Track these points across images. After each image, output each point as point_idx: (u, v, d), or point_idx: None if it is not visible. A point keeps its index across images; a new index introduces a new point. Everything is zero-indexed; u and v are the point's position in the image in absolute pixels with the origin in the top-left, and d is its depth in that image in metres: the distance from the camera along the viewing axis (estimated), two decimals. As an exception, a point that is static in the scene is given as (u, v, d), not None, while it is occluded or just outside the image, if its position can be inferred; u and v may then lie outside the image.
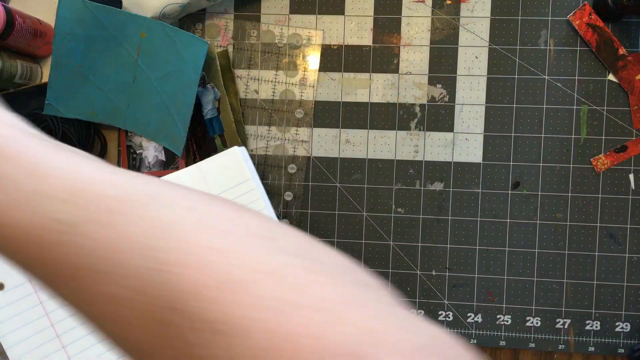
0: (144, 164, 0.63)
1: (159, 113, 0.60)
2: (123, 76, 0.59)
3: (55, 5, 0.63)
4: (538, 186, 0.60)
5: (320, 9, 0.62)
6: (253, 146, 0.63)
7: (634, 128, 0.60)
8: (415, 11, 0.61)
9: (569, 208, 0.60)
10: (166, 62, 0.58)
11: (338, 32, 0.62)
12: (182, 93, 0.59)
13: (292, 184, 0.63)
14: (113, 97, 0.60)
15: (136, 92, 0.60)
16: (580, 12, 0.59)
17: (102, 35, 0.58)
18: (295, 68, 0.62)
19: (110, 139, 0.64)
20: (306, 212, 0.63)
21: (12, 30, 0.56)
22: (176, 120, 0.59)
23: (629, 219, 0.60)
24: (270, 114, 0.63)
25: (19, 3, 0.63)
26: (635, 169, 0.60)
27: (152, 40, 0.58)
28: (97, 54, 0.59)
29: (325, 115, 0.62)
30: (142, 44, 0.58)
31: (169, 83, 0.59)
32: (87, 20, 0.57)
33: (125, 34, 0.58)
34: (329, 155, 0.62)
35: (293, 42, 0.62)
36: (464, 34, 0.61)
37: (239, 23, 0.63)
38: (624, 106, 0.60)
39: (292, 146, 0.63)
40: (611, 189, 0.60)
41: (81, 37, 0.58)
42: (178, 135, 0.60)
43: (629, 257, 0.60)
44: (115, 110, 0.61)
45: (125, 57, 0.59)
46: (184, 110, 0.59)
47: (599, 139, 0.60)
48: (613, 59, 0.59)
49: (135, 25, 0.57)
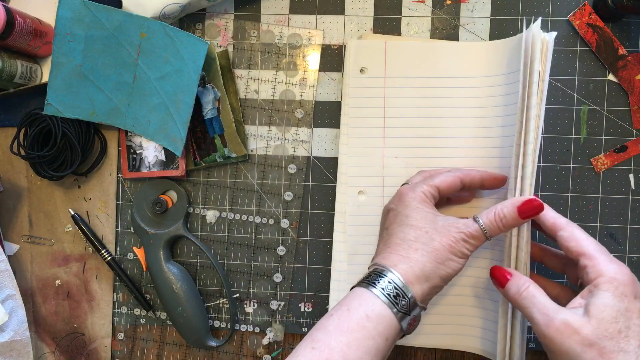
0: (144, 163, 0.63)
1: (158, 113, 0.60)
2: (123, 76, 0.59)
3: (55, 5, 0.63)
4: (538, 186, 0.60)
5: (320, 9, 0.62)
6: (253, 146, 0.63)
7: (634, 128, 0.60)
8: (415, 11, 0.61)
9: (569, 208, 0.60)
10: (166, 62, 0.58)
11: (338, 32, 0.62)
12: (182, 93, 0.59)
13: (292, 184, 0.63)
14: (113, 97, 0.60)
15: (136, 92, 0.60)
16: (580, 12, 0.60)
17: (102, 35, 0.58)
18: (295, 68, 0.62)
19: (110, 138, 0.64)
20: (306, 212, 0.63)
21: (12, 30, 0.56)
22: (176, 120, 0.59)
23: (629, 219, 0.60)
24: (270, 114, 0.63)
25: (19, 3, 0.63)
26: (635, 169, 0.60)
27: (152, 40, 0.58)
28: (97, 54, 0.59)
29: (325, 115, 0.62)
30: (142, 44, 0.58)
31: (169, 83, 0.59)
32: (87, 20, 0.57)
33: (125, 34, 0.58)
34: (329, 155, 0.62)
35: (293, 42, 0.63)
36: (464, 34, 0.61)
37: (239, 23, 0.63)
38: (624, 106, 0.60)
39: (292, 146, 0.63)
40: (611, 189, 0.60)
41: (81, 37, 0.58)
42: (178, 135, 0.60)
43: (629, 257, 0.60)
44: (115, 110, 0.61)
45: (125, 57, 0.59)
46: (184, 110, 0.59)
47: (599, 139, 0.60)
48: (613, 59, 0.59)
49: (135, 25, 0.57)
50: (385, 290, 0.46)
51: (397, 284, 0.46)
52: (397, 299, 0.45)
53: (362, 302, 0.46)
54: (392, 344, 0.46)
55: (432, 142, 0.59)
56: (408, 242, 0.48)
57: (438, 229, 0.48)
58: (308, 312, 0.63)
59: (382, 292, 0.46)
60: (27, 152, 0.61)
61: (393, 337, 0.46)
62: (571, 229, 0.47)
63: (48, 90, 0.59)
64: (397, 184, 0.58)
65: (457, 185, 0.52)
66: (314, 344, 0.44)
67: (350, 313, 0.45)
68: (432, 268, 0.47)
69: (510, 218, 0.48)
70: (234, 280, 0.64)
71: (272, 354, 0.63)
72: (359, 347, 0.43)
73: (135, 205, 0.63)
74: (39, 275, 0.65)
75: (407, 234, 0.49)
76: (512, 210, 0.48)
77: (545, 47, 0.50)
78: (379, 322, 0.45)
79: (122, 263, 0.65)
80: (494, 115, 0.57)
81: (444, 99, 0.59)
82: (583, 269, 0.45)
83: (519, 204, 0.48)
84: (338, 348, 0.43)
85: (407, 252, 0.47)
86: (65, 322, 0.65)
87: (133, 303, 0.65)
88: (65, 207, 0.65)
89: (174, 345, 0.64)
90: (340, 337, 0.44)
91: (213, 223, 0.64)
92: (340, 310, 0.46)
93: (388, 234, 0.51)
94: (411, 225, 0.49)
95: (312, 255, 0.63)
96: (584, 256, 0.45)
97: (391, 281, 0.46)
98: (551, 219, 0.48)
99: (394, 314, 0.45)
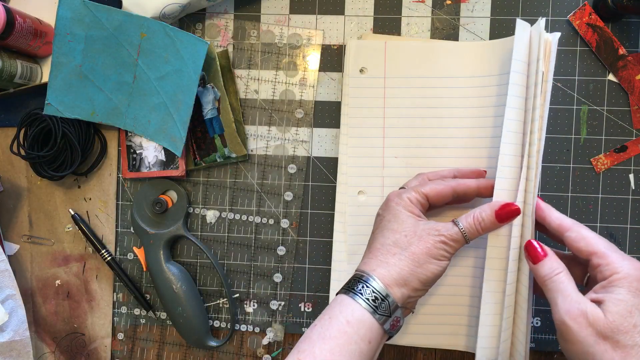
0: (144, 163, 0.63)
1: (158, 113, 0.60)
2: (123, 76, 0.59)
3: (55, 5, 0.63)
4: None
5: (320, 9, 0.62)
6: (253, 146, 0.63)
7: (634, 128, 0.60)
8: (415, 11, 0.61)
9: (569, 208, 0.60)
10: (166, 62, 0.58)
11: (338, 32, 0.62)
12: (182, 93, 0.59)
13: (292, 184, 0.63)
14: (113, 97, 0.60)
15: (136, 92, 0.60)
16: (580, 12, 0.59)
17: (102, 35, 0.58)
18: (295, 68, 0.62)
19: (110, 138, 0.64)
20: (306, 212, 0.63)
21: (12, 30, 0.56)
22: (176, 120, 0.59)
23: (629, 219, 0.60)
24: (270, 114, 0.63)
25: (19, 3, 0.63)
26: (635, 169, 0.60)
27: (152, 40, 0.58)
28: (97, 54, 0.59)
29: (325, 115, 0.62)
30: (142, 44, 0.58)
31: (168, 83, 0.59)
32: (87, 20, 0.57)
33: (125, 34, 0.58)
34: (329, 155, 0.62)
35: (293, 42, 0.62)
36: (464, 34, 0.61)
37: (239, 23, 0.63)
38: (624, 106, 0.60)
39: (292, 146, 0.63)
40: (611, 189, 0.60)
41: (81, 37, 0.58)
42: (177, 135, 0.60)
43: (629, 257, 0.60)
44: (115, 110, 0.61)
45: (125, 57, 0.59)
46: (184, 110, 0.59)
47: (599, 139, 0.60)
48: (613, 59, 0.59)
49: (135, 25, 0.57)
50: (364, 294, 0.47)
51: (375, 287, 0.47)
52: (377, 302, 0.46)
53: (342, 308, 0.47)
54: (377, 347, 0.47)
55: (432, 142, 0.59)
56: (387, 246, 0.49)
57: (418, 233, 0.49)
58: (308, 312, 0.63)
59: (361, 297, 0.47)
60: (27, 152, 0.61)
61: (376, 340, 0.47)
62: (578, 228, 0.47)
63: (48, 90, 0.59)
64: (397, 184, 0.58)
65: (447, 195, 0.52)
66: (299, 354, 0.45)
67: (331, 320, 0.46)
68: (410, 272, 0.47)
69: (489, 222, 0.49)
70: (234, 280, 0.64)
71: (272, 354, 0.63)
72: (342, 353, 0.45)
73: (135, 205, 0.63)
74: (39, 275, 0.65)
75: (386, 238, 0.50)
76: (491, 214, 0.49)
77: (548, 47, 0.50)
78: (359, 326, 0.46)
79: (122, 263, 0.65)
80: (494, 115, 0.57)
81: (444, 99, 0.59)
82: (596, 267, 0.45)
83: (496, 208, 0.49)
84: (322, 355, 0.44)
85: (386, 257, 0.48)
86: (65, 322, 0.65)
87: (133, 303, 0.65)
88: (65, 207, 0.65)
89: (174, 345, 0.64)
90: (323, 344, 0.45)
91: (213, 223, 0.64)
92: (322, 319, 0.47)
93: (372, 238, 0.52)
94: (392, 229, 0.50)
95: (312, 255, 0.63)
96: (595, 255, 0.45)
97: (369, 285, 0.47)
98: (556, 219, 0.49)
99: (375, 318, 0.46)
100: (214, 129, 0.62)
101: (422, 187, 0.52)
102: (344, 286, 0.49)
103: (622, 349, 0.42)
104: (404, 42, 0.60)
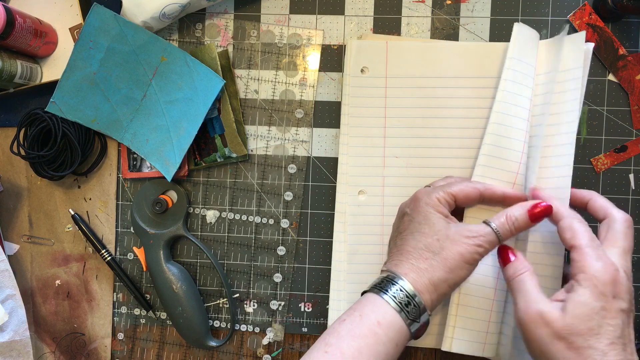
0: (144, 163, 0.63)
1: (158, 135, 0.60)
2: (133, 92, 0.60)
3: (55, 5, 0.63)
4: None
5: (320, 9, 0.62)
6: (253, 146, 0.63)
7: (634, 128, 0.60)
8: (415, 11, 0.61)
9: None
10: (179, 89, 0.59)
11: (338, 32, 0.62)
12: (186, 121, 0.59)
13: (292, 184, 0.63)
14: (118, 109, 0.60)
15: (142, 110, 0.60)
16: (580, 12, 0.60)
17: (124, 49, 0.58)
18: (295, 68, 0.62)
19: (110, 139, 0.64)
20: (306, 212, 0.63)
21: (12, 30, 0.56)
22: (174, 145, 0.60)
23: (629, 219, 0.60)
24: (270, 114, 0.63)
25: (19, 3, 0.63)
26: (635, 169, 0.60)
27: (170, 65, 0.59)
28: (114, 66, 0.59)
29: (325, 115, 0.62)
30: (160, 67, 0.59)
31: (176, 109, 0.59)
32: (113, 32, 0.58)
33: (146, 54, 0.59)
34: (329, 155, 0.62)
35: (293, 42, 0.63)
36: (464, 34, 0.61)
37: (239, 23, 0.63)
38: (624, 106, 0.60)
39: (292, 146, 0.63)
40: (611, 189, 0.60)
41: (103, 46, 0.58)
42: (172, 160, 0.60)
43: (629, 257, 0.60)
44: (116, 123, 0.61)
45: (140, 75, 0.59)
46: (185, 138, 0.59)
47: (599, 139, 0.60)
48: (613, 59, 0.59)
49: (158, 47, 0.58)
50: (396, 297, 0.47)
51: (407, 292, 0.47)
52: (408, 306, 0.46)
53: (374, 308, 0.47)
54: (401, 350, 0.47)
55: (432, 142, 0.59)
56: (419, 250, 0.49)
57: (450, 237, 0.48)
58: (308, 312, 0.63)
59: (394, 300, 0.47)
60: (27, 152, 0.61)
61: (402, 343, 0.47)
62: (571, 219, 0.47)
63: (56, 89, 0.59)
64: (397, 183, 0.58)
65: (475, 197, 0.52)
66: (326, 347, 0.45)
67: (362, 319, 0.46)
68: (440, 278, 0.47)
69: (522, 221, 0.49)
70: (234, 280, 0.64)
71: (272, 354, 0.63)
72: (370, 353, 0.45)
73: (135, 205, 0.63)
74: (39, 275, 0.65)
75: (418, 241, 0.49)
76: (524, 213, 0.49)
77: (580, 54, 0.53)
78: (389, 328, 0.46)
79: (122, 263, 0.65)
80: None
81: (445, 99, 0.59)
82: (572, 261, 0.46)
83: (529, 207, 0.49)
84: (349, 353, 0.44)
85: (418, 262, 0.48)
86: (65, 322, 0.65)
87: (133, 303, 0.65)
88: (65, 207, 0.65)
89: (174, 345, 0.64)
90: (352, 342, 0.45)
91: (213, 223, 0.64)
92: (352, 316, 0.47)
93: (401, 239, 0.51)
94: (423, 232, 0.49)
95: (312, 255, 0.63)
96: (574, 249, 0.46)
97: (402, 289, 0.47)
98: (555, 207, 0.49)
99: (404, 321, 0.46)
100: (214, 129, 0.62)
101: (450, 187, 0.52)
102: (376, 285, 0.49)
103: (576, 350, 0.42)
104: (406, 42, 0.60)
